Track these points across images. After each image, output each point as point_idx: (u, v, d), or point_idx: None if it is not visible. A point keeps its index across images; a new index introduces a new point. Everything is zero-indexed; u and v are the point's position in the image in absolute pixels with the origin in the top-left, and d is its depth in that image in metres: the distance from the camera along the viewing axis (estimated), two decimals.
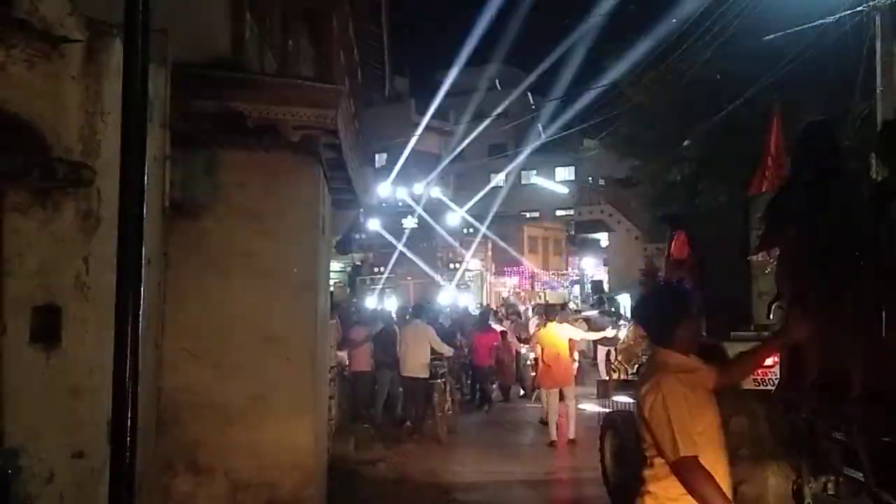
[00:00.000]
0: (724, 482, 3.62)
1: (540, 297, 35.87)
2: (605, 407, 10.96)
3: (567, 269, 46.02)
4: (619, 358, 11.23)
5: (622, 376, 10.77)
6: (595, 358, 19.43)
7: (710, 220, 9.83)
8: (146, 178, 3.88)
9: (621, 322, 15.76)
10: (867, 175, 7.86)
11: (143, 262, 3.94)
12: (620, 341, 12.34)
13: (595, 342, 17.53)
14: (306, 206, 6.62)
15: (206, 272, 6.21)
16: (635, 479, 5.74)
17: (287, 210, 6.45)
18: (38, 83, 4.49)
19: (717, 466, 3.61)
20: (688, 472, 3.51)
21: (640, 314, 4.33)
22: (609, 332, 14.61)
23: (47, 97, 4.52)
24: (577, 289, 41.10)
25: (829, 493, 5.87)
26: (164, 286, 6.01)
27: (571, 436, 12.51)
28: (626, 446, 8.44)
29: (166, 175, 5.71)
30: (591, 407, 13.83)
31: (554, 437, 12.66)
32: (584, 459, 10.92)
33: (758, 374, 6.96)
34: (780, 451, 6.18)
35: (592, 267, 43.46)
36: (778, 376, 6.39)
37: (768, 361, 6.40)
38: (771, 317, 6.68)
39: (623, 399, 10.26)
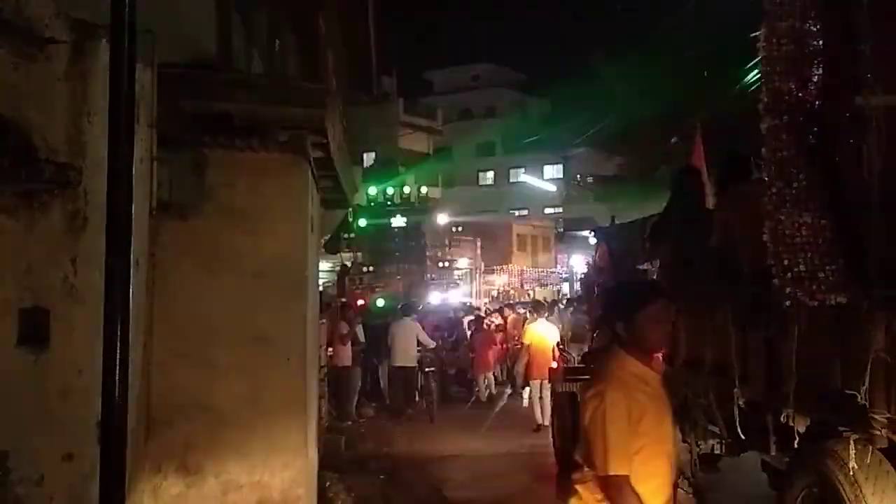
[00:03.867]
0: (666, 489, 3.67)
1: (529, 295, 35.99)
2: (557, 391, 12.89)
3: (556, 267, 46.09)
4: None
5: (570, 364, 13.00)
6: None
7: (621, 233, 11.65)
8: (133, 178, 3.89)
9: None
10: None
11: (131, 262, 3.94)
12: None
13: None
14: (295, 206, 6.62)
15: (194, 272, 6.20)
16: (570, 450, 7.75)
17: (275, 210, 6.45)
18: (23, 85, 4.47)
19: (659, 475, 3.63)
20: (615, 490, 3.50)
21: (606, 307, 4.35)
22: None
23: (33, 98, 4.50)
24: (566, 286, 41.14)
25: (717, 452, 7.51)
26: (152, 287, 6.00)
27: (546, 422, 13.61)
28: (565, 425, 10.74)
29: (153, 176, 5.69)
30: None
31: (539, 420, 14.32)
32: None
33: None
34: (674, 418, 7.29)
35: (581, 264, 43.49)
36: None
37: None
38: None
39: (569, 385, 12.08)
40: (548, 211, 52.26)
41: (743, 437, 6.49)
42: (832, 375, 4.92)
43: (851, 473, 4.70)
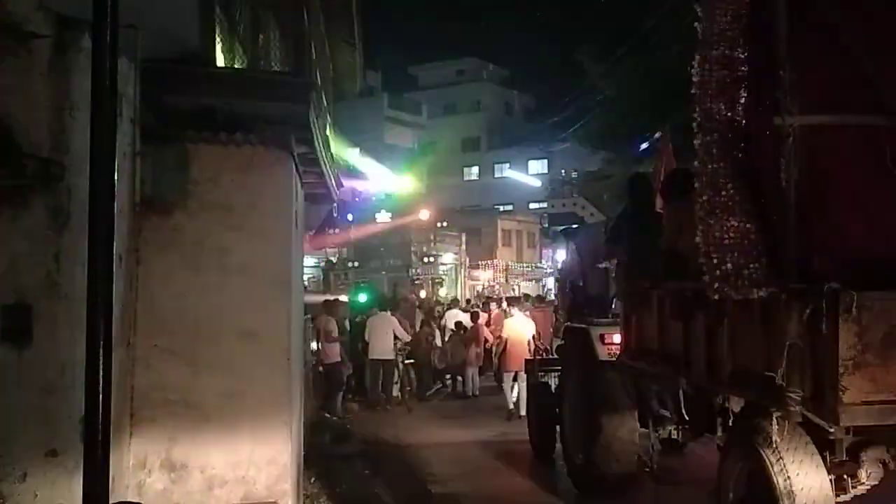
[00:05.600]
0: None
1: (514, 290, 36.10)
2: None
3: (541, 262, 46.19)
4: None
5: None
6: None
7: (587, 234, 12.57)
8: (116, 174, 3.88)
9: None
10: None
11: (115, 258, 3.93)
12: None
13: None
14: (279, 201, 6.60)
15: (178, 268, 6.18)
16: (544, 437, 11.52)
17: (259, 205, 6.43)
18: (5, 80, 4.45)
19: None
20: None
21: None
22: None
23: (15, 94, 4.49)
24: (551, 281, 41.25)
25: (675, 438, 8.32)
26: (136, 283, 5.98)
27: (522, 413, 14.04)
28: (540, 411, 11.69)
29: (137, 171, 5.67)
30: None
31: (512, 409, 15.04)
32: None
33: (610, 350, 9.29)
34: (631, 405, 8.80)
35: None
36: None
37: (617, 340, 9.00)
38: (613, 307, 9.58)
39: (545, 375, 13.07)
40: (532, 206, 52.32)
41: (688, 419, 7.56)
42: (757, 360, 5.62)
43: (774, 445, 5.41)
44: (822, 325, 4.98)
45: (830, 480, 5.45)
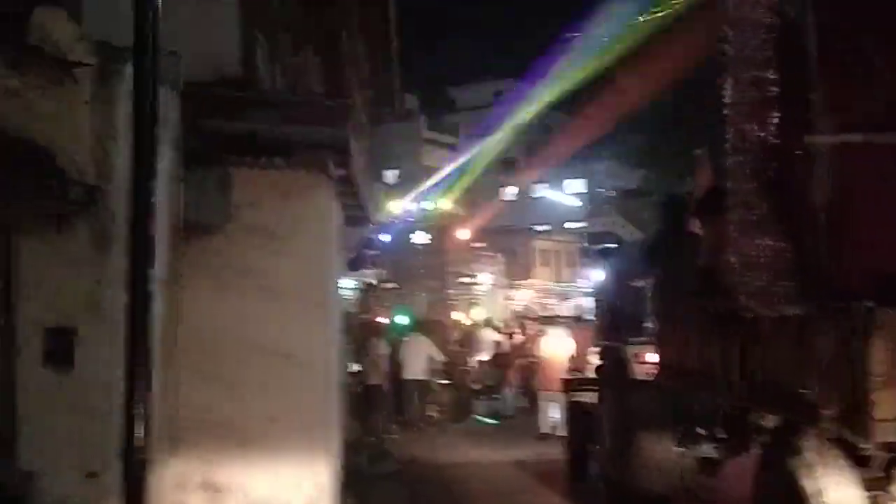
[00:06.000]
0: None
1: (550, 311, 35.93)
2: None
3: (578, 282, 45.90)
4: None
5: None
6: None
7: (623, 253, 12.89)
8: (158, 198, 3.93)
9: None
10: None
11: (156, 282, 3.97)
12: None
13: None
14: (318, 225, 6.64)
15: (219, 292, 6.22)
16: (580, 457, 11.59)
17: (299, 228, 6.47)
18: (51, 108, 4.54)
19: None
20: None
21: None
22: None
23: (60, 122, 4.57)
24: (589, 301, 40.90)
25: (712, 456, 8.27)
26: (178, 307, 6.03)
27: (560, 433, 13.88)
28: (577, 430, 11.73)
29: (179, 195, 5.73)
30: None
31: (545, 429, 14.98)
32: None
33: (645, 369, 9.41)
34: (667, 423, 8.76)
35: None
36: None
37: (652, 359, 9.20)
38: (649, 326, 9.61)
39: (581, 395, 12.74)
40: (570, 225, 52.04)
41: (725, 437, 7.70)
42: (791, 377, 5.72)
43: (809, 462, 5.50)
44: (854, 343, 5.02)
45: (865, 497, 5.46)
